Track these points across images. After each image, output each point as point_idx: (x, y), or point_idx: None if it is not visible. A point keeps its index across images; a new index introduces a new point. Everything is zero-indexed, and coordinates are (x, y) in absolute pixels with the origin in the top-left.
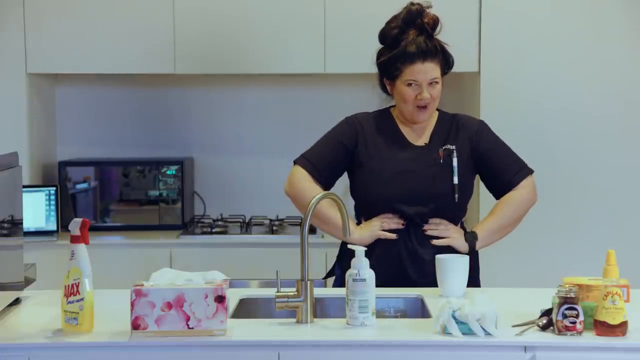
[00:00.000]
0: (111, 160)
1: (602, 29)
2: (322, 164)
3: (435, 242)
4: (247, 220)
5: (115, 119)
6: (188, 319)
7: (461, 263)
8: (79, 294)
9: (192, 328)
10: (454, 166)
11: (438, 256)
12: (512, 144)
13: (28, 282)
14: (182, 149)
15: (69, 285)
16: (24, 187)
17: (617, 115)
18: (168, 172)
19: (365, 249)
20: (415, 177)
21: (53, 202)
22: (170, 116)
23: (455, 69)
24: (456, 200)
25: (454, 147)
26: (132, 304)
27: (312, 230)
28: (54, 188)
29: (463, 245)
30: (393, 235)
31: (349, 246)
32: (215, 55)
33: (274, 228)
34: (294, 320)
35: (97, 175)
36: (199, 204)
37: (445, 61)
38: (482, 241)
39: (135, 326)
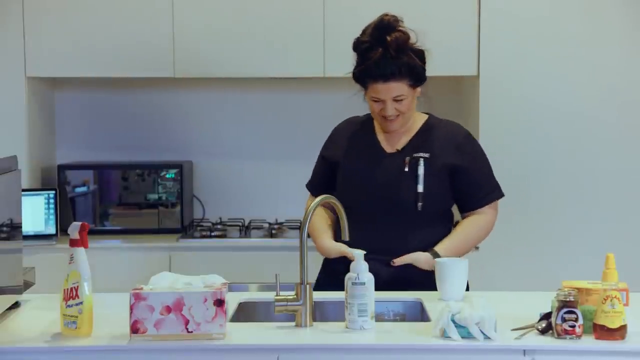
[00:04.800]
0: (110, 163)
1: (601, 31)
2: (317, 181)
3: (396, 261)
4: (246, 224)
5: (114, 123)
6: (187, 322)
7: (460, 267)
8: (78, 297)
9: (191, 332)
10: (418, 174)
11: (438, 260)
12: (511, 146)
13: (27, 285)
14: (181, 152)
15: (68, 289)
16: (23, 190)
17: (617, 118)
18: (167, 176)
19: (364, 252)
20: (378, 185)
21: (52, 206)
22: (169, 120)
23: (455, 72)
24: (419, 209)
25: (427, 154)
26: (131, 308)
27: None
28: (53, 192)
29: (425, 262)
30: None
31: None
32: (214, 59)
33: (273, 232)
34: (293, 323)
35: (97, 178)
36: (198, 207)
37: (414, 77)
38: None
39: (134, 330)
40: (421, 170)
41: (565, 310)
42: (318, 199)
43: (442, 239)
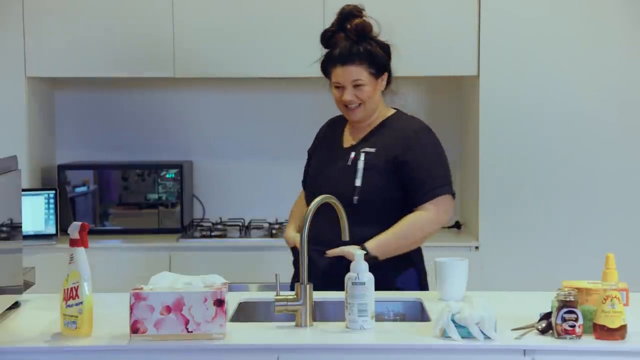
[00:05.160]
0: (110, 163)
1: (601, 31)
2: (305, 177)
3: (328, 252)
4: (246, 224)
5: (114, 123)
6: (187, 322)
7: (460, 267)
8: (78, 297)
9: (191, 332)
10: (357, 168)
11: (437, 259)
12: (511, 146)
13: (27, 285)
14: (181, 152)
15: (68, 289)
16: (23, 190)
17: (616, 118)
18: (167, 176)
19: (363, 251)
20: (325, 178)
21: (52, 206)
22: (169, 120)
23: (455, 72)
24: (355, 202)
25: (373, 149)
26: (131, 308)
27: None
28: (53, 191)
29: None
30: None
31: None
32: (214, 59)
33: (273, 231)
34: (293, 323)
35: (97, 178)
36: (198, 207)
37: (374, 64)
38: (372, 252)
39: (134, 330)
40: (361, 164)
41: (565, 310)
42: (318, 198)
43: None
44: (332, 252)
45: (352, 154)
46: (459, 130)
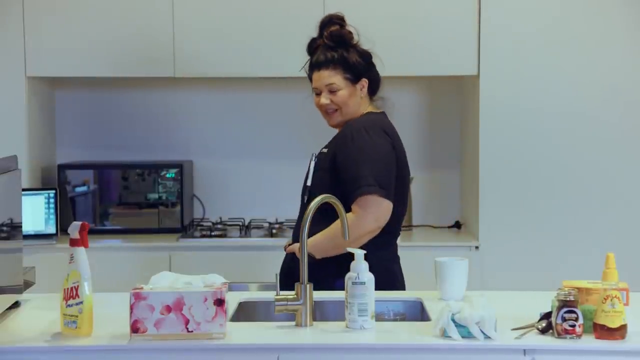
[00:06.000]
0: (110, 163)
1: (602, 31)
2: None
3: (286, 248)
4: (246, 224)
5: (114, 122)
6: (187, 322)
7: (460, 267)
8: (78, 297)
9: (191, 331)
10: (309, 169)
11: (437, 259)
12: (511, 146)
13: (27, 285)
14: (181, 152)
15: (68, 289)
16: (24, 190)
17: (617, 118)
18: (167, 175)
19: (363, 251)
20: (310, 176)
21: (52, 205)
22: (169, 119)
23: (455, 72)
24: (305, 202)
25: (326, 150)
26: (131, 307)
27: None
28: (54, 191)
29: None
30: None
31: (349, 249)
32: (214, 59)
33: (273, 231)
34: (294, 323)
35: (97, 178)
36: (198, 207)
37: (350, 69)
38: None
39: (135, 329)
40: (312, 165)
41: (565, 309)
42: (318, 198)
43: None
44: (290, 249)
45: (313, 155)
46: (459, 130)
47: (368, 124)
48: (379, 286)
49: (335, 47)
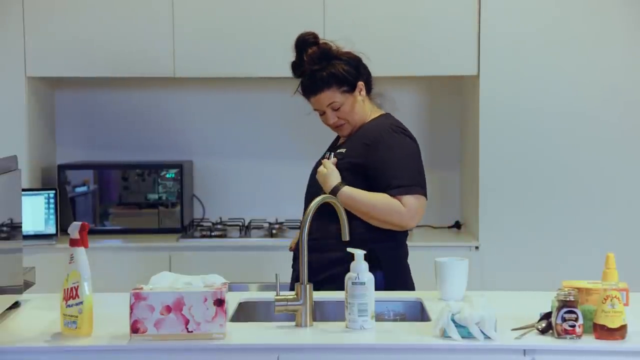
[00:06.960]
0: (110, 163)
1: (602, 31)
2: None
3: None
4: (246, 224)
5: (114, 123)
6: (187, 322)
7: (460, 267)
8: (78, 297)
9: (191, 332)
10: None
11: (437, 259)
12: (511, 146)
13: (27, 285)
14: (181, 152)
15: (68, 289)
16: (23, 190)
17: (617, 118)
18: (167, 176)
19: (363, 251)
20: (310, 181)
21: (52, 206)
22: (169, 119)
23: (455, 72)
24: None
25: (344, 150)
26: (131, 308)
27: None
28: (53, 191)
29: (329, 185)
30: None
31: (349, 249)
32: (214, 59)
33: (273, 231)
34: (294, 323)
35: (97, 178)
36: (198, 207)
37: (344, 82)
38: (341, 195)
39: (135, 330)
40: None
41: (565, 310)
42: (318, 198)
43: (354, 224)
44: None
45: (327, 155)
46: (459, 130)
47: (394, 124)
48: (398, 284)
49: (320, 68)
